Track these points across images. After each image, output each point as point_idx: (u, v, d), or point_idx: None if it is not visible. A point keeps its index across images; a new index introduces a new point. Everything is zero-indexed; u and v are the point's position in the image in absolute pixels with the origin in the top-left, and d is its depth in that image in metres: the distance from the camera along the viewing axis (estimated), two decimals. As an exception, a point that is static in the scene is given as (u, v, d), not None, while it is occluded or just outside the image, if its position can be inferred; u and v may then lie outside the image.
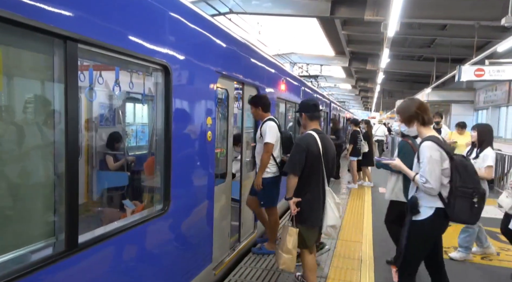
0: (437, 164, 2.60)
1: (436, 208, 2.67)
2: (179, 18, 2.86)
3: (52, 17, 1.72)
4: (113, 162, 4.46)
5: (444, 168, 2.62)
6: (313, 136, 3.22)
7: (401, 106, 2.98)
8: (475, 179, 2.58)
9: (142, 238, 2.52)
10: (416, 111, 2.78)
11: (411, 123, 2.82)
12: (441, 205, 2.65)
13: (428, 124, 2.80)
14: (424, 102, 2.87)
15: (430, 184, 2.60)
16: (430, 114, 2.82)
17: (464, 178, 2.57)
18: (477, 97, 16.75)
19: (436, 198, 2.66)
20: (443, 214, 2.64)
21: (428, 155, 2.61)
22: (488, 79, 8.38)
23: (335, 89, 33.90)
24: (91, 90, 3.56)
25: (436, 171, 2.60)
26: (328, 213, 3.26)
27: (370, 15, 10.19)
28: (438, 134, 2.78)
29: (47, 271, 1.75)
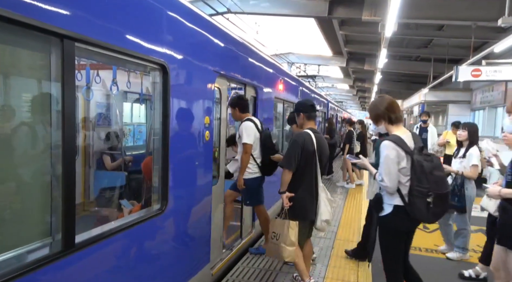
0: (393, 163, 2.61)
1: (395, 205, 2.69)
2: (177, 17, 2.85)
3: (49, 15, 1.71)
4: (110, 162, 4.45)
5: (402, 167, 2.62)
6: (309, 135, 3.34)
7: (370, 104, 3.03)
8: (429, 179, 2.54)
9: (140, 238, 2.51)
10: (383, 110, 2.79)
11: (378, 121, 2.83)
12: (400, 202, 2.66)
13: (396, 123, 2.79)
14: (393, 100, 2.86)
15: (385, 183, 2.63)
16: (399, 112, 2.82)
17: (419, 177, 2.56)
18: (474, 98, 16.81)
19: (396, 196, 2.68)
20: (403, 211, 2.65)
21: (385, 154, 2.63)
22: (484, 80, 8.42)
23: (332, 89, 33.95)
24: (88, 89, 3.55)
25: (392, 170, 2.61)
26: (322, 208, 3.36)
27: (367, 16, 10.21)
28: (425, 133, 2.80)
29: (44, 271, 1.74)
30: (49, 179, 1.88)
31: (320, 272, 4.03)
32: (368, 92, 32.52)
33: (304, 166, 3.28)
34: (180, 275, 3.09)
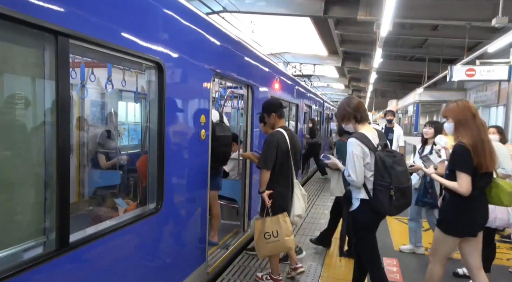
0: (358, 158, 2.78)
1: (361, 199, 2.86)
2: (173, 15, 2.83)
3: (43, 11, 1.69)
4: (105, 161, 4.42)
5: (367, 163, 2.79)
6: (282, 133, 3.45)
7: (339, 104, 3.21)
8: (391, 173, 2.71)
9: (135, 237, 2.49)
10: (350, 110, 2.96)
11: (344, 120, 3.02)
12: (366, 196, 2.83)
13: (361, 122, 2.96)
14: (360, 102, 3.05)
15: (352, 177, 2.81)
16: (365, 112, 2.99)
17: (381, 172, 2.73)
18: (468, 97, 16.93)
19: (362, 190, 2.84)
20: (368, 205, 2.82)
21: (350, 151, 2.81)
22: (479, 79, 8.49)
23: (328, 89, 34.03)
24: (83, 87, 3.51)
25: (357, 165, 2.79)
26: (296, 203, 3.52)
27: (363, 15, 10.25)
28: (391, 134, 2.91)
29: (37, 271, 1.72)
30: (43, 178, 1.86)
31: (316, 271, 4.04)
32: (363, 92, 32.65)
33: (280, 165, 3.40)
34: (176, 274, 3.08)
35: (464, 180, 2.70)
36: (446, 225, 2.89)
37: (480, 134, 2.74)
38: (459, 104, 2.87)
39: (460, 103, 2.88)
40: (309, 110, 9.97)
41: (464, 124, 2.77)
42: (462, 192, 2.72)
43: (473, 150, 2.69)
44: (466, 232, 2.86)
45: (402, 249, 4.75)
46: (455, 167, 2.78)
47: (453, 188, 2.77)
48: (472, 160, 2.69)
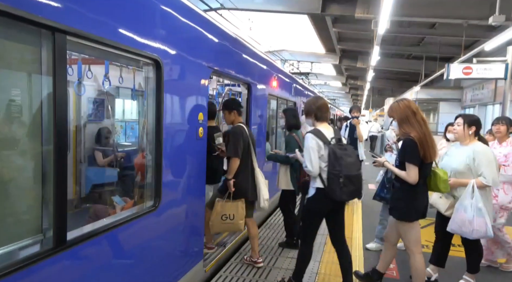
0: (313, 151, 3.08)
1: (317, 188, 3.14)
2: (171, 12, 2.81)
3: (40, 7, 1.67)
4: (102, 158, 4.40)
5: (321, 155, 3.10)
6: (243, 127, 3.85)
7: (307, 101, 3.47)
8: (340, 163, 3.03)
9: (132, 235, 2.49)
10: (314, 108, 3.27)
11: (308, 116, 3.33)
12: (321, 185, 3.11)
13: (320, 120, 3.28)
14: (324, 102, 3.32)
15: (309, 168, 3.10)
16: (326, 113, 3.30)
17: (332, 162, 3.04)
18: (465, 96, 17.00)
19: (317, 179, 3.13)
20: (323, 193, 3.10)
21: (307, 144, 3.11)
22: (475, 77, 8.49)
23: (325, 87, 34.06)
24: (80, 84, 3.49)
25: (313, 157, 3.08)
26: (263, 189, 3.87)
27: (360, 13, 10.24)
28: None
29: (35, 269, 1.71)
30: (40, 175, 1.84)
31: (313, 268, 4.06)
32: (361, 90, 32.70)
33: (244, 154, 3.76)
34: (173, 272, 3.08)
35: (412, 170, 3.01)
36: (399, 212, 3.21)
37: (422, 128, 3.03)
38: (400, 104, 3.16)
39: (401, 103, 3.17)
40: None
41: (406, 121, 3.08)
42: (410, 181, 3.03)
43: (420, 143, 2.98)
44: (416, 216, 3.18)
45: (369, 247, 4.71)
46: (405, 159, 3.07)
47: (403, 177, 3.07)
48: (419, 152, 2.98)
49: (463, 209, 3.29)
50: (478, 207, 3.24)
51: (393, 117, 3.20)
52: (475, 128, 3.41)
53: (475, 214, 3.22)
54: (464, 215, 3.27)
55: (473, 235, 3.31)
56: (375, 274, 3.64)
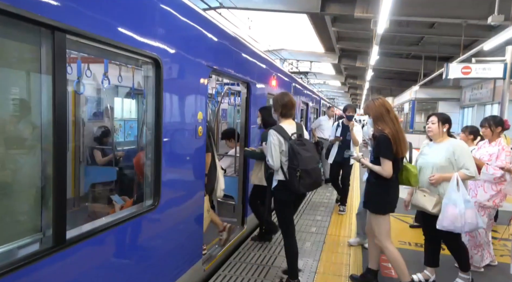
0: (274, 146, 3.30)
1: (279, 180, 3.38)
2: (170, 10, 2.81)
3: (40, 6, 1.67)
4: (101, 157, 4.40)
5: (282, 150, 3.32)
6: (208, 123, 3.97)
7: (274, 96, 3.66)
8: (298, 158, 3.23)
9: (131, 234, 2.49)
10: (280, 105, 3.47)
11: (275, 111, 3.55)
12: (283, 178, 3.34)
13: (284, 117, 3.49)
14: (290, 101, 3.50)
15: (271, 162, 3.32)
16: (290, 110, 3.50)
17: (291, 157, 3.25)
18: (463, 95, 17.05)
19: (279, 172, 3.36)
20: (284, 184, 3.33)
21: (269, 140, 3.32)
22: (474, 77, 8.52)
23: (324, 86, 34.08)
24: (79, 83, 3.49)
25: (274, 152, 3.30)
26: (220, 179, 4.02)
27: (360, 12, 10.26)
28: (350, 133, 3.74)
29: (34, 267, 1.71)
30: (39, 174, 1.84)
31: (312, 267, 4.07)
32: (360, 89, 32.74)
33: (211, 149, 3.89)
34: (172, 270, 3.08)
35: (387, 165, 3.19)
36: (374, 205, 3.38)
37: (395, 125, 3.23)
38: (375, 102, 3.34)
39: (377, 101, 3.35)
40: (305, 107, 9.99)
41: (381, 119, 3.26)
42: (385, 175, 3.20)
43: (393, 139, 3.16)
44: (389, 209, 3.36)
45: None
46: (380, 154, 3.22)
47: (379, 172, 3.24)
48: (392, 147, 3.16)
49: (452, 203, 3.27)
50: (467, 199, 3.26)
51: (369, 114, 3.39)
52: (448, 126, 3.53)
53: (465, 206, 3.23)
54: (455, 210, 3.25)
55: (466, 229, 3.31)
56: (369, 273, 3.65)
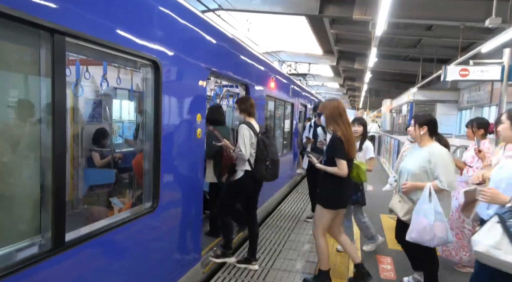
0: (247, 138, 3.69)
1: (245, 170, 3.75)
2: (169, 13, 2.82)
3: (39, 9, 1.67)
4: (99, 159, 4.38)
5: (251, 143, 3.73)
6: None
7: (239, 99, 4.06)
8: (268, 150, 3.73)
9: (130, 236, 2.48)
10: (247, 105, 3.86)
11: (242, 112, 3.88)
12: (249, 168, 3.73)
13: (250, 116, 3.88)
14: (253, 101, 3.94)
15: (242, 152, 3.67)
16: (253, 110, 3.92)
17: (261, 149, 3.72)
18: (461, 97, 17.10)
19: (246, 163, 3.74)
20: (250, 175, 3.74)
21: (241, 133, 3.68)
22: (472, 79, 8.53)
23: (323, 88, 34.11)
24: (78, 85, 3.48)
25: (246, 143, 3.68)
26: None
27: (358, 14, 10.28)
28: None
29: (33, 270, 1.71)
30: (38, 177, 1.84)
31: (309, 257, 4.07)
32: (358, 91, 32.79)
33: None
34: (170, 273, 3.07)
35: (342, 164, 3.32)
36: (326, 201, 3.52)
37: (346, 129, 3.40)
38: (331, 103, 3.52)
39: (332, 102, 3.53)
40: (304, 109, 10.00)
41: (333, 120, 3.43)
42: (342, 174, 3.33)
43: (345, 141, 3.33)
44: (340, 205, 3.56)
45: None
46: (335, 155, 3.37)
47: (335, 172, 3.36)
48: (345, 148, 3.33)
49: (422, 215, 3.09)
50: (438, 211, 3.05)
51: (323, 113, 3.56)
52: (426, 128, 3.26)
53: (435, 218, 3.03)
54: (424, 221, 3.07)
55: (434, 243, 3.10)
56: (358, 267, 3.65)
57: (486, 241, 2.23)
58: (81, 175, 4.38)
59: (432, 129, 3.29)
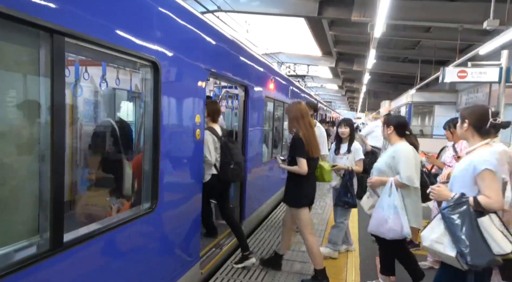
0: (211, 144, 3.86)
1: (212, 174, 3.89)
2: (168, 14, 2.82)
3: (39, 9, 1.67)
4: (98, 160, 4.37)
5: (216, 147, 3.87)
6: None
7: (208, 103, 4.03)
8: (232, 153, 3.84)
9: (129, 237, 2.48)
10: (212, 110, 3.97)
11: (208, 117, 3.95)
12: (215, 172, 3.88)
13: (214, 121, 4.02)
14: (219, 108, 4.16)
15: (208, 158, 3.78)
16: (218, 116, 4.12)
17: (225, 152, 3.83)
18: (460, 99, 17.14)
19: (212, 167, 3.88)
20: (216, 178, 3.88)
21: (205, 139, 3.72)
22: (470, 81, 8.58)
23: (321, 89, 34.17)
24: (77, 85, 3.48)
25: (211, 149, 3.83)
26: None
27: (357, 16, 10.31)
28: None
29: (31, 271, 1.71)
30: (37, 177, 1.84)
31: (310, 269, 4.06)
32: (357, 93, 32.86)
33: None
34: (169, 273, 3.07)
35: (302, 162, 3.48)
36: (292, 200, 3.68)
37: (308, 130, 3.56)
38: (295, 105, 3.72)
39: (297, 105, 3.71)
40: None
41: (296, 121, 3.59)
42: (302, 172, 3.49)
43: (305, 141, 3.48)
44: (305, 203, 3.68)
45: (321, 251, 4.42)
46: (295, 154, 3.53)
47: (296, 171, 3.54)
48: (305, 148, 3.47)
49: (380, 207, 3.30)
50: (394, 204, 3.21)
51: (288, 114, 3.74)
52: (393, 128, 3.44)
53: (392, 212, 3.20)
54: (381, 214, 3.26)
55: (390, 235, 3.24)
56: (276, 256, 4.03)
57: (431, 236, 2.37)
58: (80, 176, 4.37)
59: (399, 129, 3.47)
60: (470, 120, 2.46)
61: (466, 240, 2.19)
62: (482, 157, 2.30)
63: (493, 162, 2.26)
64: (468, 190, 2.34)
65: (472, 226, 2.20)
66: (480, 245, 2.17)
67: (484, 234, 2.19)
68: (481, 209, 2.24)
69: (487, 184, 2.26)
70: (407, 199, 3.28)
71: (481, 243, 2.17)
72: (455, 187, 2.45)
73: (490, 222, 2.21)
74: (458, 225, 2.23)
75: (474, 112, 2.49)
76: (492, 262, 2.19)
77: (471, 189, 2.33)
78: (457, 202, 2.30)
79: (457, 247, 2.21)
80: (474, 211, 2.23)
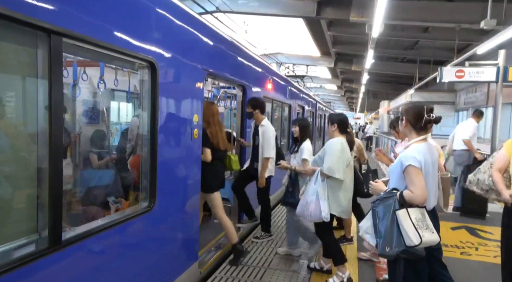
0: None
1: None
2: (166, 14, 2.85)
3: (36, 9, 1.69)
4: (97, 160, 4.39)
5: None
6: None
7: None
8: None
9: (127, 236, 2.50)
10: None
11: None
12: None
13: None
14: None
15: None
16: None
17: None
18: (458, 99, 17.17)
19: None
20: None
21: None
22: (468, 80, 8.59)
23: (320, 90, 34.19)
24: (75, 86, 3.50)
25: None
26: None
27: (355, 17, 10.34)
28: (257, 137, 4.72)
29: (30, 269, 1.72)
30: (35, 176, 1.86)
31: (307, 271, 4.08)
32: (356, 93, 32.87)
33: None
34: (167, 272, 3.09)
35: (206, 151, 3.77)
36: (205, 187, 3.86)
37: (215, 127, 3.94)
38: (209, 106, 3.97)
39: (210, 106, 3.99)
40: (301, 111, 10.03)
41: (206, 119, 3.85)
42: (206, 159, 3.77)
43: (210, 135, 3.86)
44: (216, 188, 3.99)
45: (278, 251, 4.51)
46: (202, 144, 3.69)
47: (202, 159, 3.74)
48: (210, 140, 3.82)
49: (307, 193, 3.66)
50: (317, 191, 3.53)
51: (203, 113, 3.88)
52: (336, 126, 3.70)
53: (314, 198, 3.52)
54: (305, 199, 3.63)
55: (311, 218, 3.59)
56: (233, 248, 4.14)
57: (364, 226, 2.63)
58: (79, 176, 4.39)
59: (341, 126, 3.73)
60: (407, 117, 2.62)
61: (381, 231, 2.39)
62: (408, 153, 2.46)
63: (417, 158, 2.41)
64: (400, 185, 2.51)
65: (393, 219, 2.37)
66: (392, 237, 2.34)
67: (400, 227, 2.34)
68: (407, 204, 2.39)
69: (410, 180, 2.41)
70: (330, 189, 3.56)
71: (394, 235, 2.34)
72: (391, 181, 2.65)
73: (405, 215, 2.34)
74: (380, 217, 2.43)
75: (411, 110, 2.63)
76: (402, 254, 2.34)
77: (402, 183, 2.49)
78: (386, 196, 2.48)
79: (376, 237, 2.43)
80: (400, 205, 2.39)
